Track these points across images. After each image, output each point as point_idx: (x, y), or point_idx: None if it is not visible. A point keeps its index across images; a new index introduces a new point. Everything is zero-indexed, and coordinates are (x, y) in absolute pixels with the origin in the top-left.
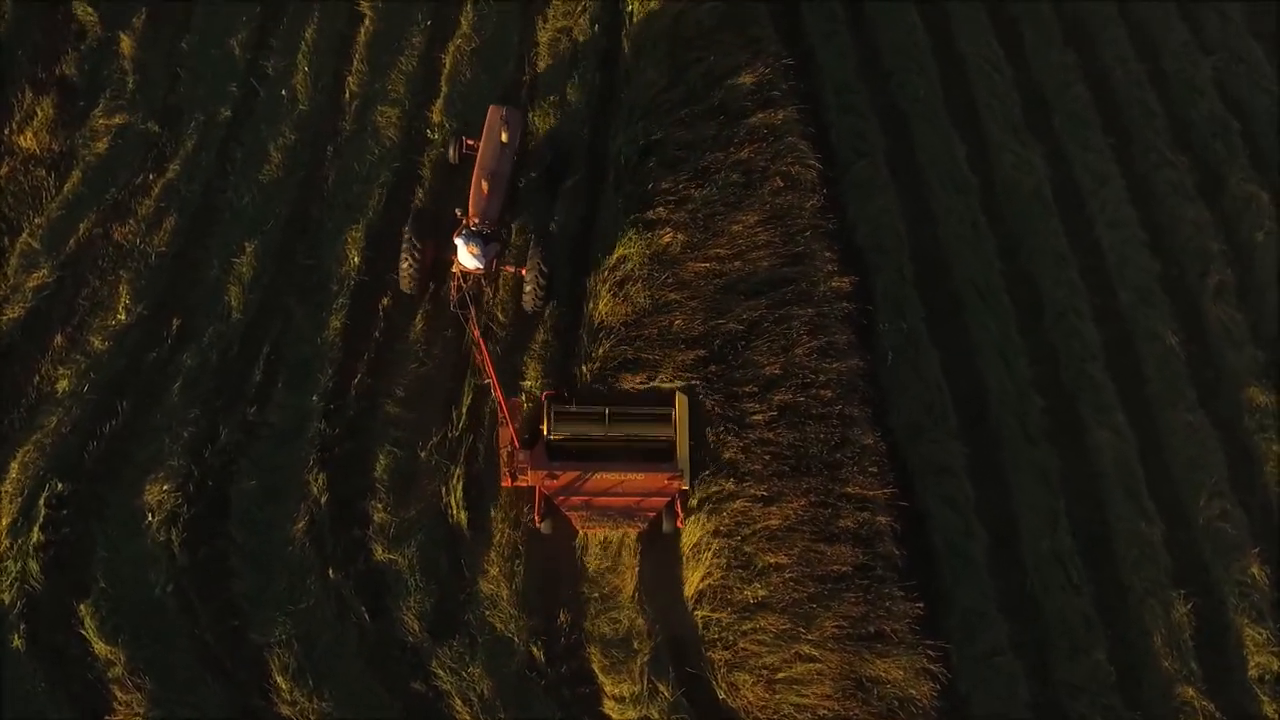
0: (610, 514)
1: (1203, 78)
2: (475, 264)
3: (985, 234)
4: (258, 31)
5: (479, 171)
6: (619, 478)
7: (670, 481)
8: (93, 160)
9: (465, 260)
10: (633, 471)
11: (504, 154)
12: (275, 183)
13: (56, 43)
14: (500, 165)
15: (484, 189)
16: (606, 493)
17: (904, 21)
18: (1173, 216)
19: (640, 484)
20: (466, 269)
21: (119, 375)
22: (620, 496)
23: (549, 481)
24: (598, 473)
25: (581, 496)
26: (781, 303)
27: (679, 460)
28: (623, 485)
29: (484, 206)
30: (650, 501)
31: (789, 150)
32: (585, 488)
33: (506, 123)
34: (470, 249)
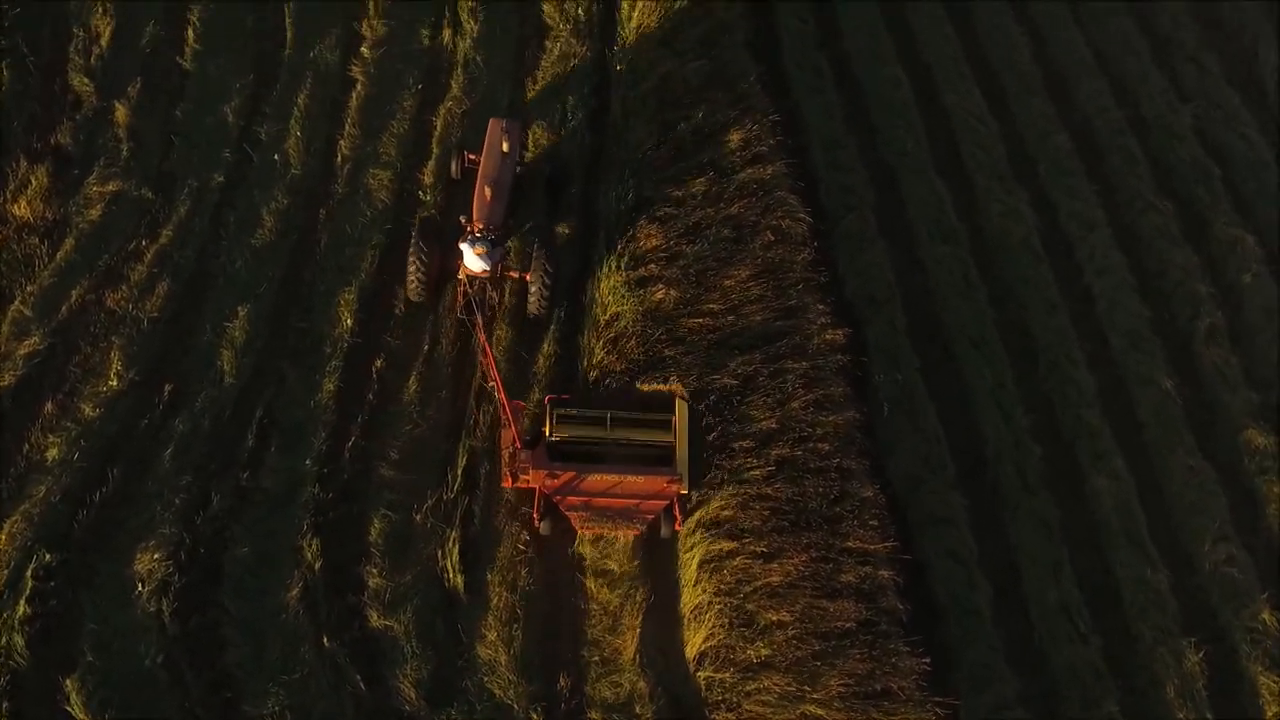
0: (609, 515)
1: (1182, 124)
2: (482, 265)
3: (976, 283)
4: (251, 98)
5: (482, 179)
6: (618, 479)
7: (669, 485)
8: (86, 227)
9: (471, 263)
10: (632, 473)
11: (505, 163)
12: (268, 247)
13: (52, 112)
14: (502, 174)
15: (487, 195)
16: (606, 493)
17: (888, 76)
18: (1160, 261)
19: (640, 486)
20: (473, 272)
21: (110, 442)
22: (619, 498)
23: (549, 481)
24: (597, 473)
25: (581, 497)
26: (776, 356)
27: (678, 463)
28: (622, 486)
29: (488, 212)
30: (649, 504)
31: (779, 205)
32: (585, 488)
33: (507, 133)
34: (477, 250)
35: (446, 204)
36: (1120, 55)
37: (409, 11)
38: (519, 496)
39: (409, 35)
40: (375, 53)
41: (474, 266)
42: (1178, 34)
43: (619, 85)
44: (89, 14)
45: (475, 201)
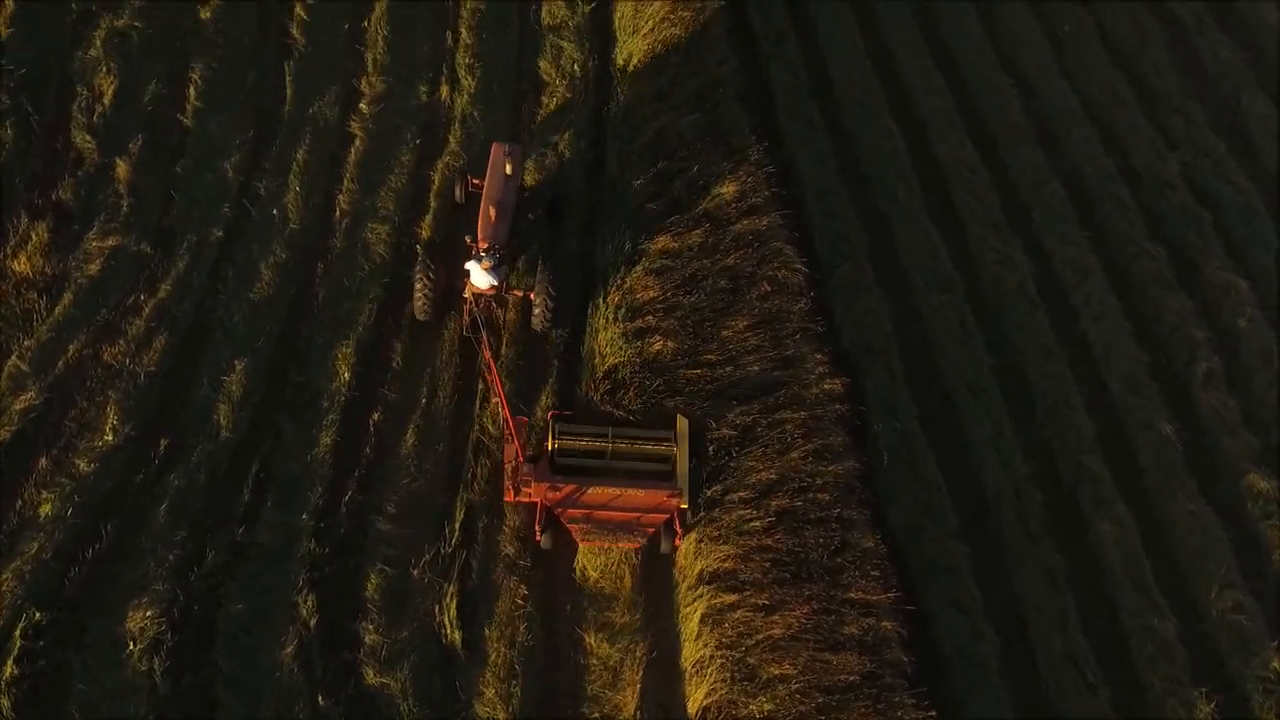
0: (610, 528)
1: (1171, 172)
2: (489, 281)
3: (973, 331)
4: (250, 154)
5: (486, 200)
6: (619, 492)
7: (670, 499)
8: (85, 282)
9: (478, 280)
10: (633, 487)
11: (508, 185)
12: (266, 301)
13: (55, 169)
14: (505, 195)
15: (492, 215)
16: (607, 506)
17: (880, 128)
18: (1155, 306)
19: (640, 500)
20: (480, 289)
21: (104, 498)
22: (620, 511)
23: (551, 494)
24: (599, 486)
25: (582, 509)
26: (774, 407)
27: (679, 478)
28: (623, 500)
29: (492, 231)
30: (650, 517)
31: (775, 255)
32: (586, 501)
33: (509, 157)
34: (484, 266)
35: (451, 227)
36: (1108, 105)
37: (407, 69)
38: (519, 523)
39: (407, 92)
40: (374, 109)
41: (480, 283)
42: (1162, 84)
43: (615, 139)
44: (93, 73)
45: (480, 221)
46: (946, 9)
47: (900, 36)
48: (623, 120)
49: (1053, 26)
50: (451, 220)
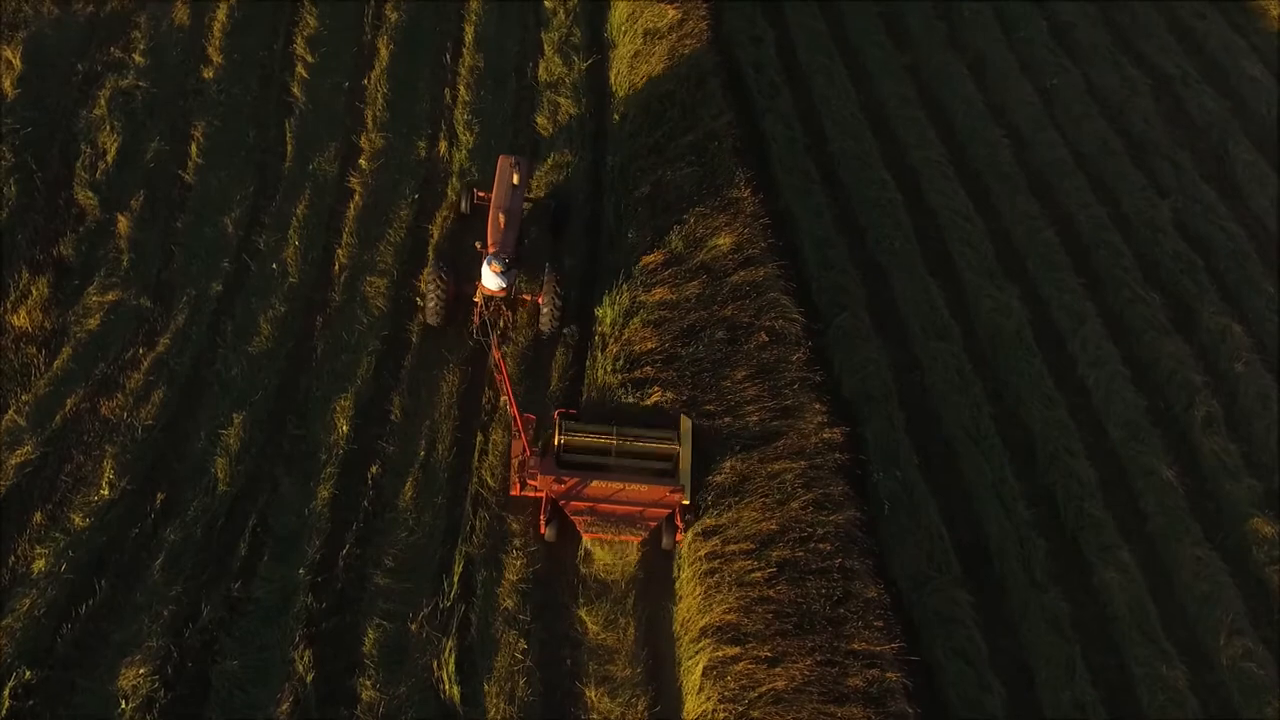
0: (613, 521)
1: (1163, 218)
2: (499, 283)
3: (971, 378)
4: (250, 210)
5: (495, 208)
6: (622, 486)
7: (672, 494)
8: (84, 336)
9: (489, 282)
10: (637, 482)
11: (515, 194)
12: (265, 354)
13: (56, 225)
14: (513, 203)
15: (501, 222)
16: (610, 500)
17: (874, 178)
18: (1152, 351)
19: (643, 494)
20: (490, 291)
21: (99, 553)
22: (624, 505)
23: (556, 486)
24: (603, 480)
25: (586, 502)
26: (774, 456)
27: (681, 475)
28: (626, 494)
29: (501, 237)
30: (652, 511)
31: (772, 306)
32: (590, 494)
33: (516, 168)
34: (494, 268)
35: (459, 237)
36: (1098, 155)
37: (406, 125)
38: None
39: (406, 148)
40: (373, 164)
41: (491, 285)
42: (1150, 134)
43: (612, 192)
44: (97, 131)
45: (490, 228)
46: (937, 63)
47: (892, 89)
48: (620, 174)
49: (1041, 80)
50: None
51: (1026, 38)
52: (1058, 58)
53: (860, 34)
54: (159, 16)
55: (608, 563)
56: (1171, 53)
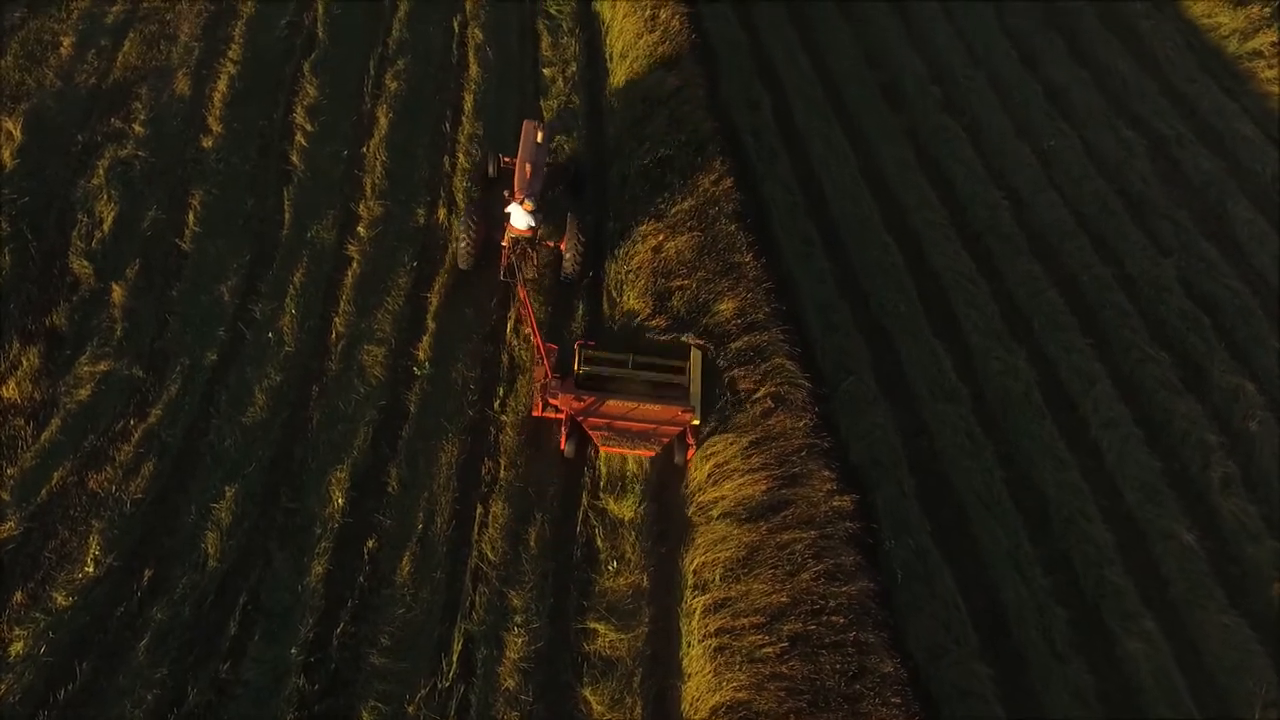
0: (628, 436)
1: (1167, 277)
2: (527, 222)
3: (981, 442)
4: (247, 278)
5: (521, 161)
6: (637, 405)
7: (683, 413)
8: (74, 408)
9: (518, 221)
10: (650, 402)
11: (540, 149)
12: (259, 424)
13: (50, 294)
14: (538, 156)
15: (527, 171)
16: (626, 417)
17: (876, 241)
18: (1164, 411)
19: (656, 413)
20: (519, 230)
21: (81, 633)
22: (638, 422)
23: (575, 403)
24: (619, 399)
25: (604, 419)
26: (782, 526)
27: (692, 397)
28: (640, 412)
29: (528, 184)
30: (665, 429)
31: (777, 371)
32: (607, 411)
33: (540, 128)
34: (526, 206)
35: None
36: (1098, 215)
37: (405, 192)
38: (518, 656)
39: (405, 215)
40: (371, 232)
41: (520, 224)
42: (1149, 194)
43: (613, 259)
44: (94, 201)
45: (516, 178)
46: (934, 126)
47: (891, 153)
48: (620, 240)
49: (1038, 142)
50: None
51: (1022, 101)
52: (1054, 121)
53: (857, 99)
54: (160, 87)
55: (613, 638)
56: (1165, 115)
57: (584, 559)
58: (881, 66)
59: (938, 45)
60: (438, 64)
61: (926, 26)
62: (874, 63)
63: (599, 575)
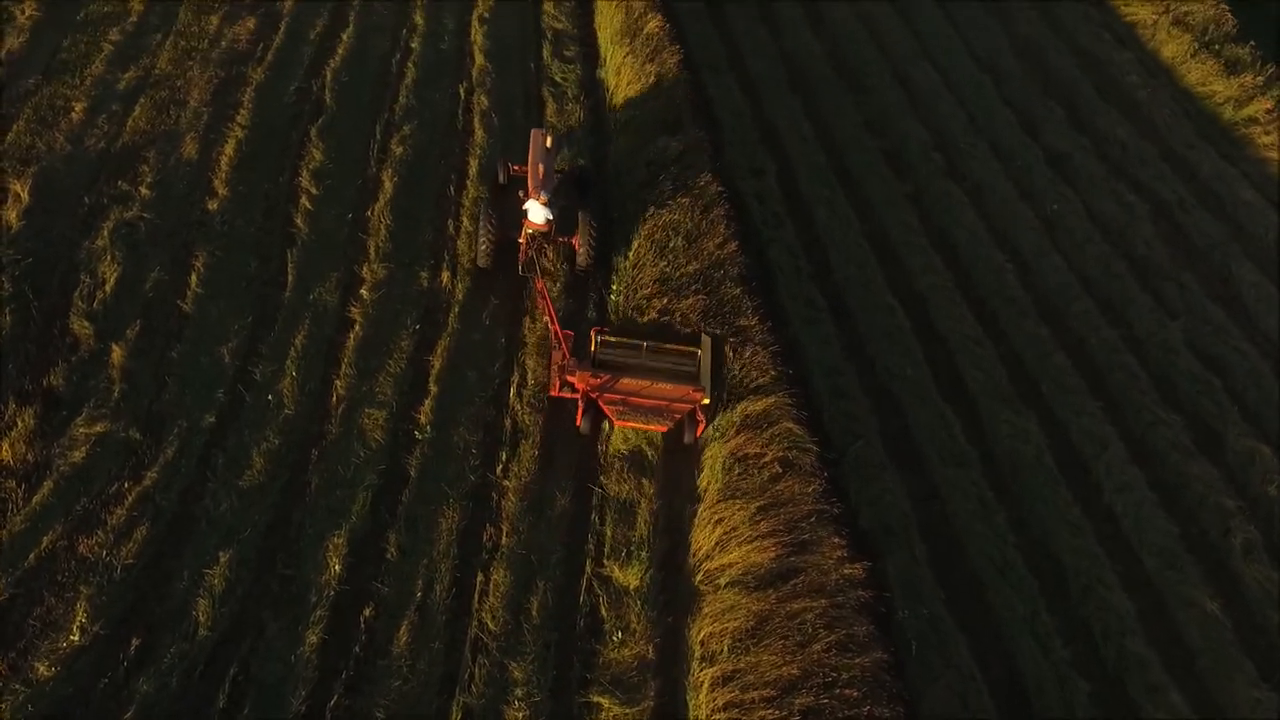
0: (642, 411)
1: (1175, 339)
2: (545, 216)
3: (993, 507)
4: (248, 340)
5: (533, 164)
6: (650, 383)
7: (694, 392)
8: (67, 470)
9: (536, 216)
10: (663, 381)
11: (549, 153)
12: (256, 489)
13: (49, 354)
14: (549, 159)
15: (540, 171)
16: (639, 394)
17: (882, 305)
18: (1179, 475)
19: (668, 392)
20: (537, 225)
21: (62, 706)
22: (652, 399)
23: (592, 380)
24: (633, 378)
25: (619, 395)
26: (792, 595)
27: (702, 376)
28: (653, 390)
29: (542, 182)
30: (677, 406)
31: (784, 436)
32: (622, 388)
33: (547, 134)
34: (542, 200)
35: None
36: (1104, 278)
37: (409, 255)
38: None
39: (408, 278)
40: (374, 295)
41: (538, 218)
42: (1154, 257)
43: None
44: (98, 262)
45: (530, 177)
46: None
47: (895, 217)
48: (625, 303)
49: (1041, 206)
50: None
51: (1024, 167)
52: (1056, 186)
53: (860, 165)
54: (168, 151)
55: (618, 713)
56: (1166, 179)
57: (588, 629)
58: (884, 134)
59: (939, 113)
60: (443, 129)
61: (927, 95)
62: (876, 130)
63: (603, 646)
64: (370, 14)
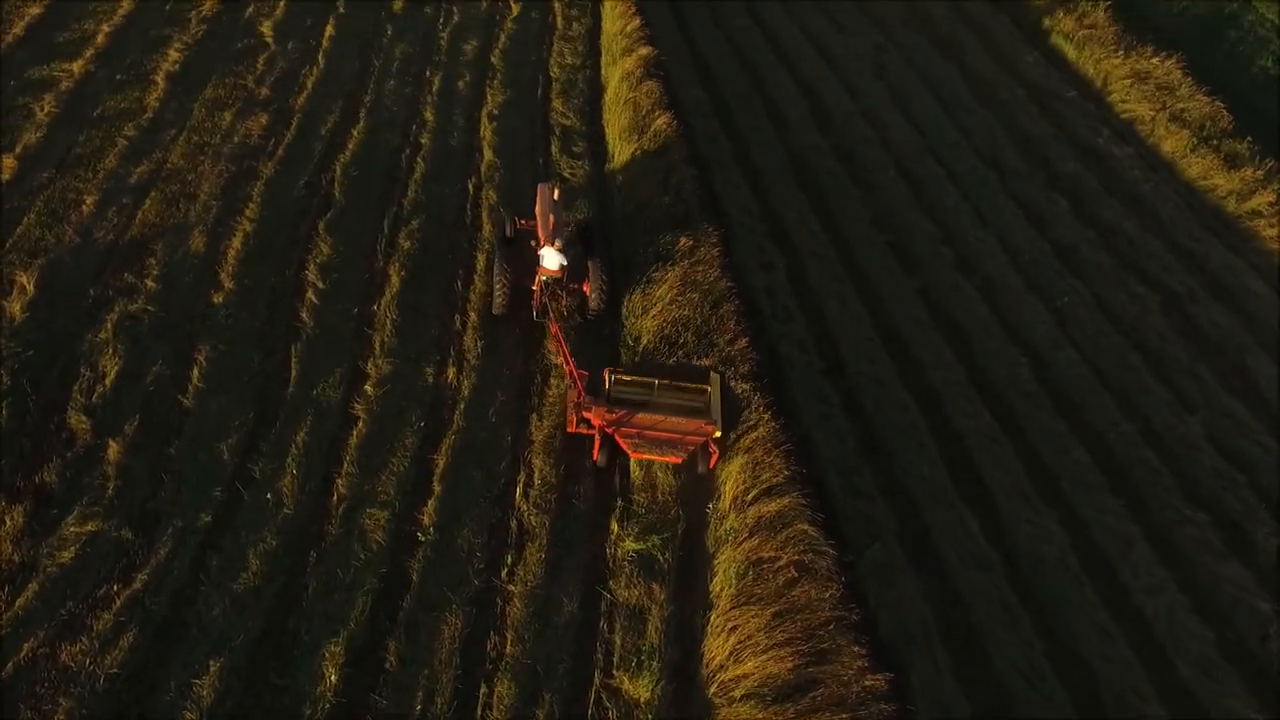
0: (657, 443)
1: (1195, 434)
2: (559, 261)
3: (1018, 612)
4: (249, 436)
5: (542, 215)
6: (664, 418)
7: (706, 425)
8: (54, 571)
9: (550, 262)
10: (676, 415)
11: (557, 204)
12: (250, 592)
13: (43, 449)
14: (557, 210)
15: (550, 221)
16: (654, 428)
17: (895, 400)
18: (1210, 576)
19: (681, 425)
20: (551, 271)
21: None
22: (666, 432)
23: (608, 415)
24: (647, 413)
25: (635, 429)
26: (811, 709)
27: (713, 411)
28: (667, 424)
29: (552, 231)
30: (690, 438)
31: (799, 538)
32: (637, 422)
33: (554, 187)
34: (556, 246)
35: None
36: (1119, 371)
37: (414, 351)
38: None
39: (413, 374)
40: (378, 391)
41: (551, 265)
42: (1168, 349)
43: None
44: (99, 355)
45: (540, 228)
46: (947, 285)
47: (906, 311)
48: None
49: (1051, 299)
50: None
51: (1032, 260)
52: (1065, 278)
53: (869, 260)
54: (176, 244)
55: None
56: (1175, 271)
57: None
58: (891, 228)
59: (945, 207)
60: (451, 224)
61: (933, 189)
62: (883, 224)
63: None
64: (381, 110)
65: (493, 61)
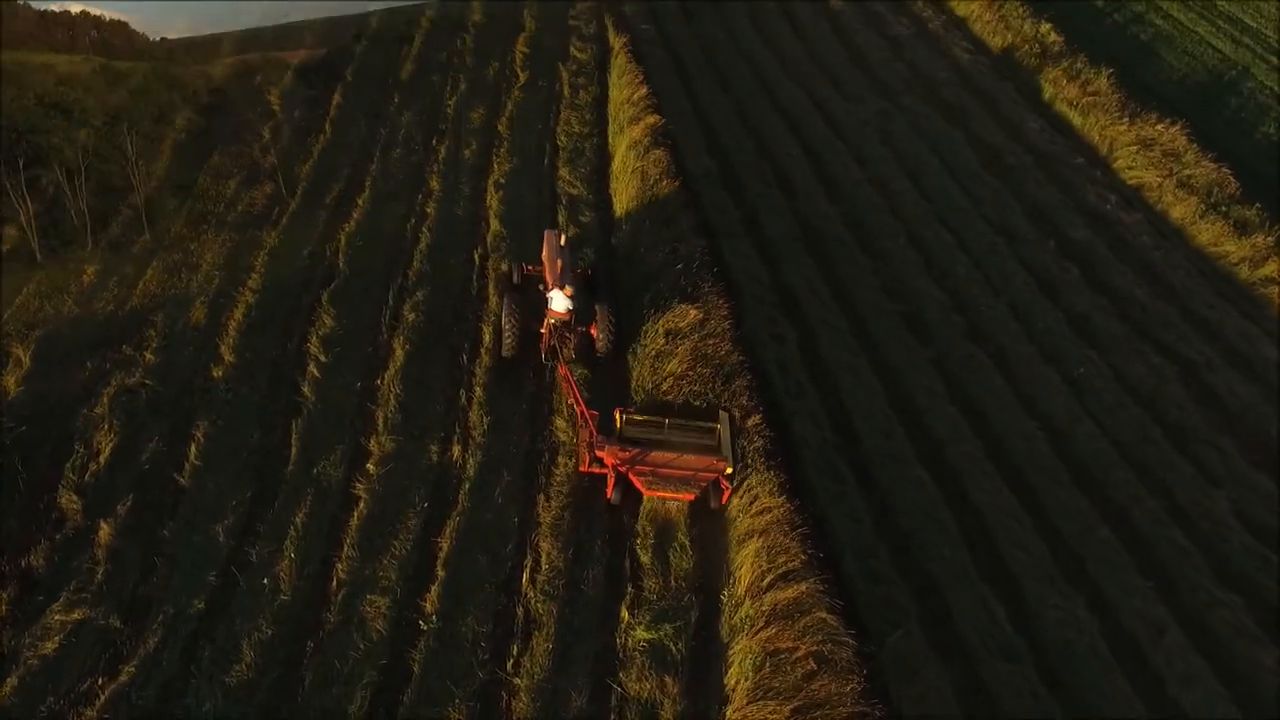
0: (670, 481)
1: (1221, 510)
2: (567, 305)
3: (1048, 704)
4: (246, 517)
5: (550, 260)
6: (676, 456)
7: (718, 462)
8: (35, 663)
9: (558, 305)
10: (687, 453)
11: (564, 250)
12: (244, 685)
13: (32, 531)
14: (565, 255)
15: (558, 266)
16: (667, 466)
17: (912, 477)
18: (1248, 664)
19: (693, 463)
20: (559, 313)
21: None
22: (679, 470)
23: (621, 453)
24: (660, 451)
25: (648, 467)
26: None
27: (723, 447)
28: (679, 462)
29: (561, 275)
30: (702, 475)
31: (817, 627)
32: (650, 461)
33: (561, 234)
34: (566, 291)
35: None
36: (1139, 444)
37: (419, 427)
38: None
39: (417, 452)
40: (381, 469)
41: (559, 308)
42: (1188, 420)
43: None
44: (94, 431)
45: (548, 273)
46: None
47: (920, 383)
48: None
49: (1067, 369)
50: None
51: (1045, 329)
52: (1079, 347)
53: (880, 329)
54: (176, 315)
55: None
56: (1190, 340)
57: None
58: (902, 297)
59: (955, 275)
60: (457, 295)
61: (942, 257)
62: (894, 293)
63: None
64: (387, 179)
65: (499, 129)
